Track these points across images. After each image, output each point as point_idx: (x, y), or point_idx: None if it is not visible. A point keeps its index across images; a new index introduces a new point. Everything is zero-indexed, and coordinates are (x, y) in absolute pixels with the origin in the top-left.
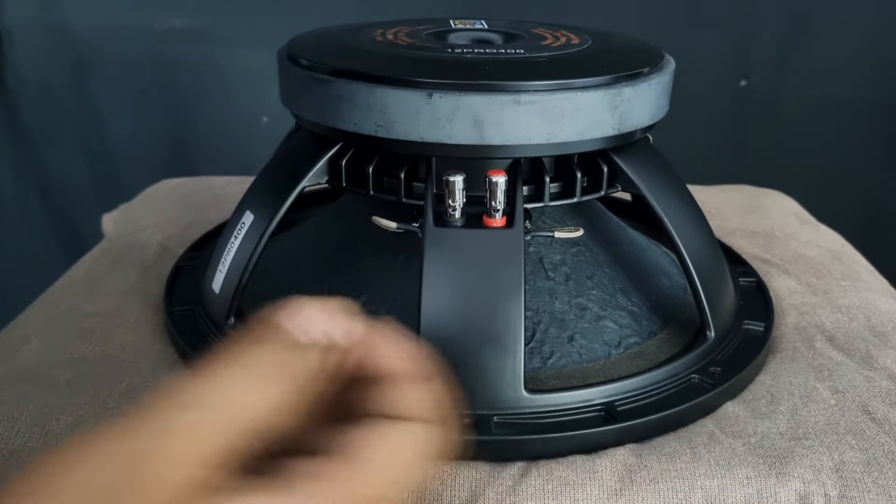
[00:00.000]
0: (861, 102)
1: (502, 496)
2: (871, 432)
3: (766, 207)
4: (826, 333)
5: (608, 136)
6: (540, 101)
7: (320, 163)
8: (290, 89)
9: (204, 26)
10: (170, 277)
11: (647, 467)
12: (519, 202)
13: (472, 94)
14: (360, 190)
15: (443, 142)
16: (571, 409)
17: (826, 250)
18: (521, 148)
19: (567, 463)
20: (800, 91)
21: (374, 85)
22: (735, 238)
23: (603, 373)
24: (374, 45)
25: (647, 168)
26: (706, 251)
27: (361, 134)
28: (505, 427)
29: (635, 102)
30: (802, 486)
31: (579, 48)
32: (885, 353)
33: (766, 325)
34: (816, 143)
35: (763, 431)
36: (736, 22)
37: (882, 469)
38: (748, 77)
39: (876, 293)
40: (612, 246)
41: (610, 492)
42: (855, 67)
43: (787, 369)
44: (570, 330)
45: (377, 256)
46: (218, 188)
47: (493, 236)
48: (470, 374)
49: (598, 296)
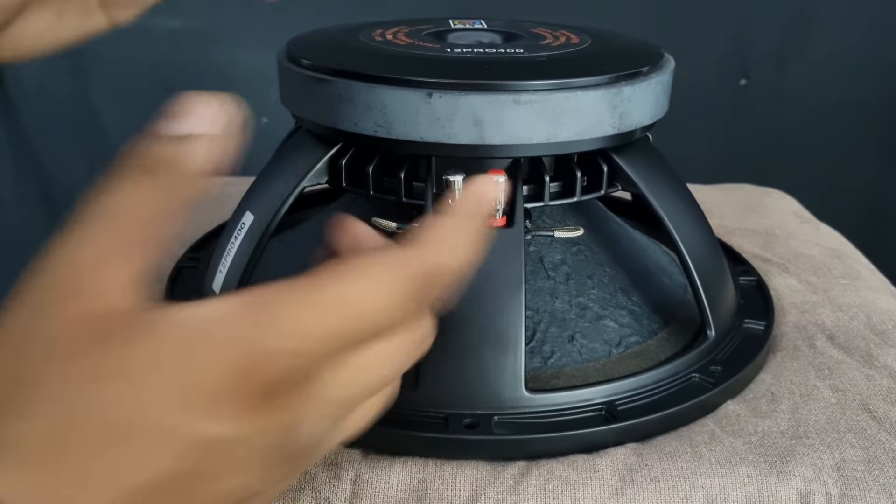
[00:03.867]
0: (861, 101)
1: (503, 496)
2: (872, 431)
3: (766, 206)
4: (826, 332)
5: (608, 136)
6: (540, 100)
7: (320, 163)
8: (289, 89)
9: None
10: (170, 278)
11: (648, 466)
12: (519, 202)
13: (472, 93)
14: (360, 190)
15: (442, 142)
16: (572, 409)
17: (826, 249)
18: (521, 147)
19: (568, 462)
20: (800, 90)
21: (374, 85)
22: (735, 237)
23: (603, 372)
24: (373, 45)
25: (646, 167)
26: (706, 250)
27: (361, 134)
28: (505, 426)
29: (635, 102)
30: (803, 484)
31: (579, 48)
32: (886, 351)
33: (766, 323)
34: (816, 141)
35: (764, 430)
36: (736, 21)
37: (883, 467)
38: (748, 76)
39: (876, 292)
40: (612, 245)
41: (611, 491)
42: (855, 67)
43: (787, 368)
44: (570, 329)
45: None
46: (218, 189)
47: (494, 236)
48: (470, 374)
49: (599, 295)
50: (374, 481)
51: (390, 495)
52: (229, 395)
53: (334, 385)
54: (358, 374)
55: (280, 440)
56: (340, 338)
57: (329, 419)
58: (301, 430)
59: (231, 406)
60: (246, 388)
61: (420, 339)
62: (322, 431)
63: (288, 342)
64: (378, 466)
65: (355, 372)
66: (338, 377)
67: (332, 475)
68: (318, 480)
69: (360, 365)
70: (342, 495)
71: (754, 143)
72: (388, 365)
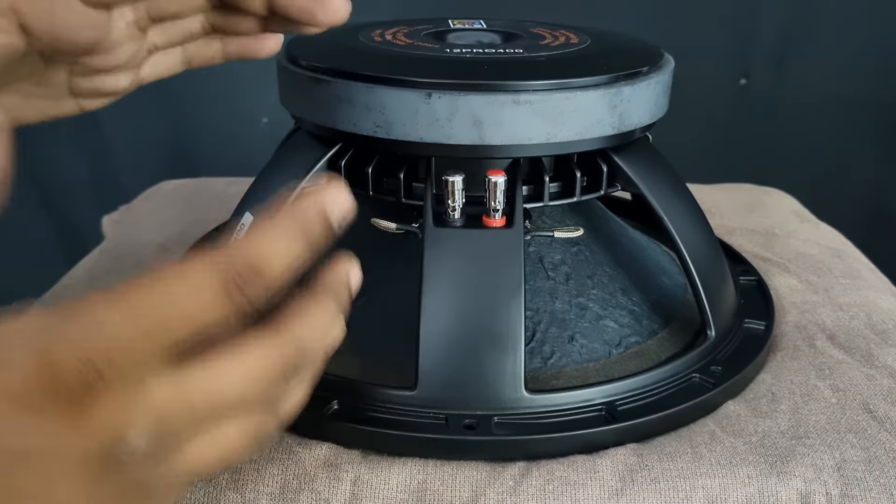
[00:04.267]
0: (861, 100)
1: (503, 496)
2: (873, 430)
3: (766, 206)
4: (827, 332)
5: (608, 136)
6: (539, 100)
7: (320, 163)
8: (289, 90)
9: None
10: None
11: (649, 467)
12: (518, 202)
13: (471, 94)
14: (360, 190)
15: (442, 142)
16: (572, 409)
17: (826, 248)
18: (521, 148)
19: (568, 463)
20: (800, 89)
21: (373, 85)
22: (735, 236)
23: (603, 372)
24: (372, 46)
25: (646, 167)
26: (706, 250)
27: (360, 134)
28: (505, 427)
29: (635, 102)
30: (804, 484)
31: (578, 47)
32: (886, 351)
33: (766, 323)
34: (816, 140)
35: (764, 430)
36: (736, 21)
37: (883, 467)
38: (748, 75)
39: (876, 291)
40: (612, 245)
41: (611, 491)
42: (855, 66)
43: (787, 368)
44: (570, 329)
45: (377, 257)
46: (218, 189)
47: (493, 236)
48: (470, 375)
49: (599, 295)
50: (373, 482)
51: (390, 496)
52: (28, 399)
53: (163, 397)
54: (193, 388)
55: (100, 451)
56: (150, 338)
57: (165, 436)
58: (128, 442)
59: (33, 411)
60: (46, 392)
61: (282, 359)
62: (158, 450)
63: (88, 342)
64: (378, 467)
65: (191, 386)
66: (165, 388)
67: (331, 476)
68: (318, 482)
69: (196, 378)
70: (342, 496)
71: (754, 143)
72: (232, 382)
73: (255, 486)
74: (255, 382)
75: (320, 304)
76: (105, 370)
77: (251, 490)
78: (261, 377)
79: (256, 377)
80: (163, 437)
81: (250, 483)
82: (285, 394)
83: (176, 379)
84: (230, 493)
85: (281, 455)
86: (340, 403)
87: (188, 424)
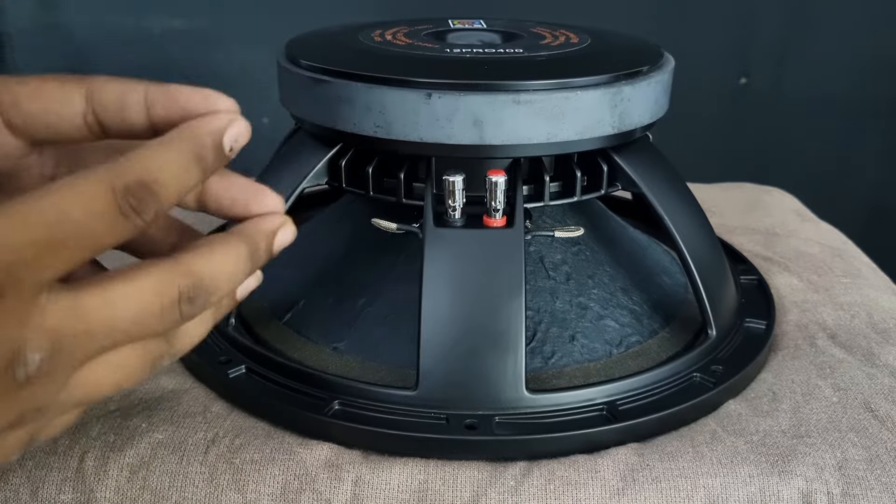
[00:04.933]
0: (861, 100)
1: (504, 496)
2: (874, 429)
3: (767, 205)
4: (828, 331)
5: (608, 135)
6: (539, 100)
7: (320, 164)
8: (289, 90)
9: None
10: None
11: (650, 466)
12: (519, 202)
13: (472, 93)
14: (360, 191)
15: (442, 142)
16: (573, 409)
17: (827, 247)
18: (521, 147)
19: (569, 462)
20: (800, 88)
21: (373, 85)
22: (736, 236)
23: (604, 372)
24: (372, 46)
25: (647, 167)
26: (707, 249)
27: (361, 135)
28: (506, 427)
29: (635, 101)
30: (805, 483)
31: (578, 47)
32: (887, 350)
33: (767, 322)
34: (817, 139)
35: (765, 429)
36: (736, 20)
37: (885, 466)
38: (748, 75)
39: (877, 290)
40: (612, 245)
41: (612, 491)
42: (855, 65)
43: (788, 367)
44: (571, 329)
45: (377, 257)
46: None
47: (494, 236)
48: (471, 375)
49: (599, 295)
50: (374, 482)
51: (391, 496)
52: None
53: (58, 315)
54: (88, 307)
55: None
56: (40, 248)
57: (60, 355)
58: (24, 358)
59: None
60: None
61: (177, 289)
62: (53, 369)
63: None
64: (379, 467)
65: (87, 306)
66: (61, 307)
67: (333, 476)
68: (319, 482)
69: (91, 297)
70: (343, 497)
71: (754, 143)
72: (126, 305)
73: (256, 487)
74: (149, 306)
75: (228, 245)
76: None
77: (252, 490)
78: (154, 302)
79: (151, 301)
80: (58, 355)
81: (251, 483)
82: (181, 325)
83: (71, 298)
84: (231, 493)
85: (282, 455)
86: (341, 403)
87: (83, 344)
